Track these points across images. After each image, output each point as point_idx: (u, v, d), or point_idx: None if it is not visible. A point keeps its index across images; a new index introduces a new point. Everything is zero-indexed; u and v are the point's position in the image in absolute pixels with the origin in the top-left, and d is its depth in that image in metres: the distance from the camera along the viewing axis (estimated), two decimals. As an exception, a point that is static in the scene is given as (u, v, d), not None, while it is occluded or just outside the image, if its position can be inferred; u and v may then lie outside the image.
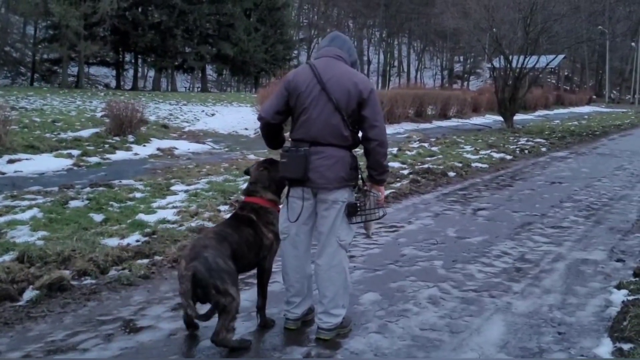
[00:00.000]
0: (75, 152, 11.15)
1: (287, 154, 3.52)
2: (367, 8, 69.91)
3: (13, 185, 8.20)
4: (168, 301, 4.20)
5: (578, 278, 5.00)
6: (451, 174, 10.34)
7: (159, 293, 4.39)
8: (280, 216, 3.72)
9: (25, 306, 4.03)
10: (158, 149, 12.77)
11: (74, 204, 6.85)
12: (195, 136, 15.78)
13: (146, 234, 5.70)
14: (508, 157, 13.20)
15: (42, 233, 5.55)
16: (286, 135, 3.76)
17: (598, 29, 41.60)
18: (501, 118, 22.95)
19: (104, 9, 35.32)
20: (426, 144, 15.07)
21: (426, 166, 10.78)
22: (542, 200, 8.47)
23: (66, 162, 10.44)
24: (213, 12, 45.68)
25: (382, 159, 3.60)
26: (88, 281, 4.53)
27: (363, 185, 3.68)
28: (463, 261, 5.38)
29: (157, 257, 5.11)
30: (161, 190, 7.96)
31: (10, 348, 3.44)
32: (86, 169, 10.16)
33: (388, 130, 4.09)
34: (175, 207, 6.93)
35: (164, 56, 43.50)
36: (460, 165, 11.27)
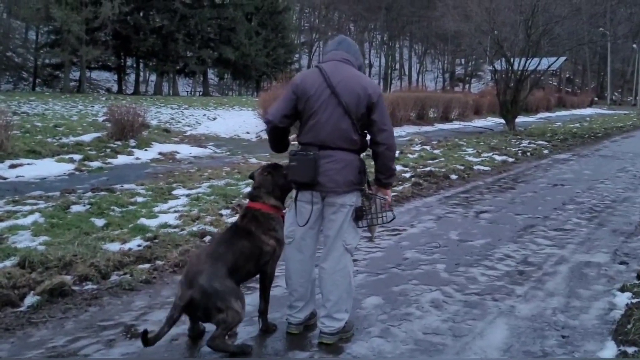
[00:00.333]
0: (76, 157, 11.14)
1: (296, 158, 3.49)
2: (368, 11, 69.99)
3: (15, 190, 8.20)
4: (169, 306, 4.16)
5: (581, 281, 4.98)
6: (453, 177, 10.32)
7: (161, 298, 4.37)
8: (286, 220, 3.70)
9: (26, 312, 4.02)
10: (160, 153, 12.75)
11: (76, 209, 6.84)
12: (196, 140, 15.78)
13: (148, 239, 5.68)
14: (510, 160, 13.17)
15: (44, 238, 5.53)
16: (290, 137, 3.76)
17: (599, 31, 41.54)
18: (503, 120, 22.93)
19: (106, 14, 35.50)
20: (428, 147, 15.06)
21: (428, 169, 10.76)
22: (545, 202, 8.45)
23: (68, 167, 10.43)
24: (214, 16, 45.90)
25: (390, 163, 3.61)
26: (89, 286, 4.52)
27: (369, 188, 3.67)
28: (466, 264, 5.36)
29: (159, 262, 5.09)
30: (163, 194, 7.95)
31: (11, 354, 3.43)
32: (88, 174, 10.15)
33: (390, 133, 4.11)
34: (176, 212, 6.92)
35: (166, 60, 43.66)
36: (462, 168, 11.25)
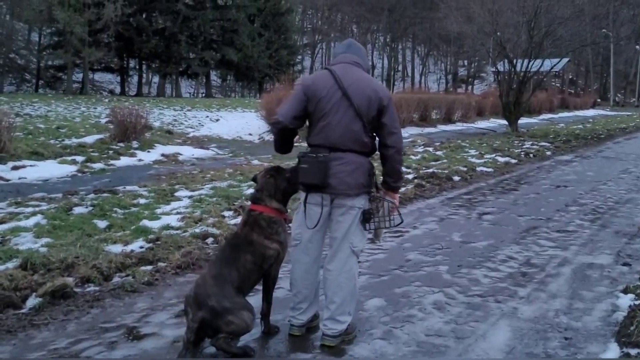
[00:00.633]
0: (79, 159, 11.14)
1: (307, 160, 3.48)
2: (371, 13, 70.03)
3: (17, 191, 8.21)
4: (172, 308, 4.18)
5: (584, 282, 4.97)
6: (456, 178, 10.30)
7: (163, 300, 4.37)
8: (293, 222, 3.71)
9: (28, 314, 4.02)
10: (162, 155, 12.74)
11: (78, 211, 6.85)
12: (199, 142, 15.78)
13: (150, 240, 5.68)
14: (513, 161, 13.15)
15: (46, 240, 5.53)
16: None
17: (602, 32, 41.50)
18: (506, 122, 22.88)
19: (108, 16, 35.57)
20: (431, 148, 15.04)
21: (431, 170, 10.74)
22: (548, 204, 8.43)
23: (70, 169, 10.43)
24: (217, 18, 45.96)
25: (399, 166, 3.63)
26: (91, 288, 4.52)
27: (377, 191, 3.67)
28: (468, 266, 5.35)
29: (161, 264, 5.10)
30: (165, 196, 7.95)
31: (13, 356, 3.43)
32: (90, 175, 10.15)
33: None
34: (179, 213, 6.92)
35: (168, 62, 43.73)
36: (465, 169, 11.23)
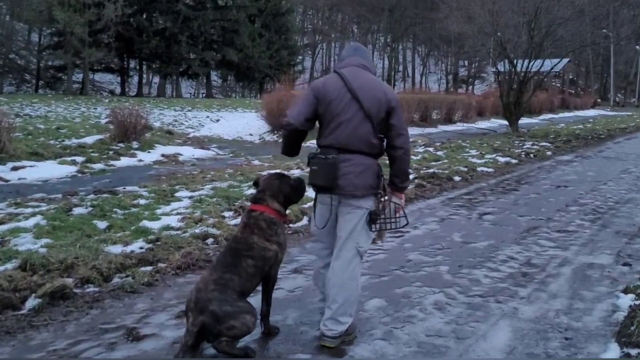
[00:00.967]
0: (79, 159, 11.13)
1: (316, 162, 3.51)
2: (372, 13, 70.09)
3: (17, 192, 8.20)
4: (172, 309, 4.17)
5: (584, 282, 4.96)
6: (456, 179, 10.30)
7: (163, 301, 4.36)
8: (311, 220, 3.83)
9: (27, 315, 4.01)
10: (162, 155, 12.74)
11: (78, 211, 6.83)
12: (199, 142, 15.78)
13: (150, 241, 5.66)
14: (513, 161, 13.14)
15: (45, 240, 5.52)
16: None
17: (602, 33, 41.47)
18: (506, 122, 22.87)
19: (109, 16, 35.60)
20: (431, 149, 15.03)
21: (431, 171, 10.73)
22: (548, 204, 8.42)
23: (70, 169, 10.42)
24: (217, 18, 46.02)
25: (407, 167, 3.67)
26: (91, 289, 4.51)
27: (384, 192, 3.67)
28: (469, 266, 5.34)
29: (161, 265, 5.09)
30: (165, 196, 7.93)
31: (12, 357, 3.42)
32: (90, 176, 10.14)
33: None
34: (179, 214, 6.90)
35: (169, 62, 43.78)
36: (465, 169, 11.22)
